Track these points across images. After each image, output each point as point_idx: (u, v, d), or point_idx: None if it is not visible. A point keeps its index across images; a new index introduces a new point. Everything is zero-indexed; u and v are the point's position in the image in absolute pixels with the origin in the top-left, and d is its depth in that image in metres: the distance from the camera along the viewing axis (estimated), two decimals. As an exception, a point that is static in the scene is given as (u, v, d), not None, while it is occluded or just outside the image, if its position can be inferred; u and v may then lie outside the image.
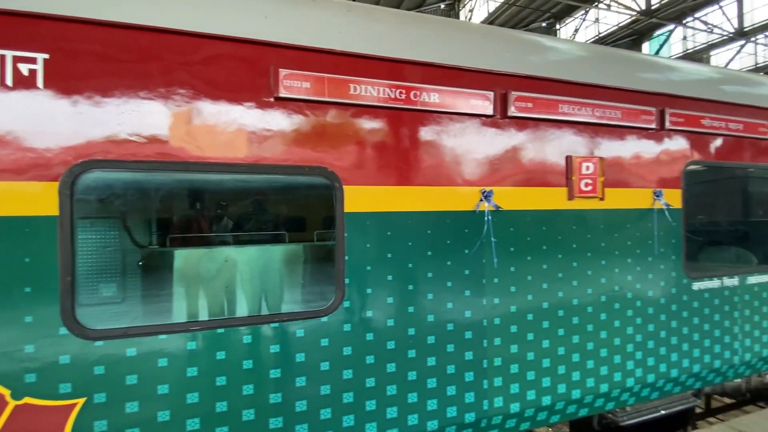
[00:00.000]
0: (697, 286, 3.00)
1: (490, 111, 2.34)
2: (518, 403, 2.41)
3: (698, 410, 4.29)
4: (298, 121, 1.98)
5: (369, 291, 2.10)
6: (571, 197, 2.57)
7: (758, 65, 21.94)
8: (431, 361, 2.21)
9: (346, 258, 2.05)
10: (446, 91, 2.24)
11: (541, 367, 2.47)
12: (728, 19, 19.67)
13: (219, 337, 1.84)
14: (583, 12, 20.92)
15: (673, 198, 2.91)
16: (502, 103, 2.39)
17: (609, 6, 17.13)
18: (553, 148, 2.53)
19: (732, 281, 3.14)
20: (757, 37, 19.84)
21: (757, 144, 3.25)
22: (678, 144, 2.93)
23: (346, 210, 2.05)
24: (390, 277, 2.15)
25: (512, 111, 2.38)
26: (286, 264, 2.66)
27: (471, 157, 2.32)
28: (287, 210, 3.24)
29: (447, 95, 2.25)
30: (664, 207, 2.86)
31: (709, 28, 18.91)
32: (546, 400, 2.49)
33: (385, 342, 2.12)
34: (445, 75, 2.28)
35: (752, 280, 3.23)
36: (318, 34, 2.05)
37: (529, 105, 2.43)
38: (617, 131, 2.72)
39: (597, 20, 20.87)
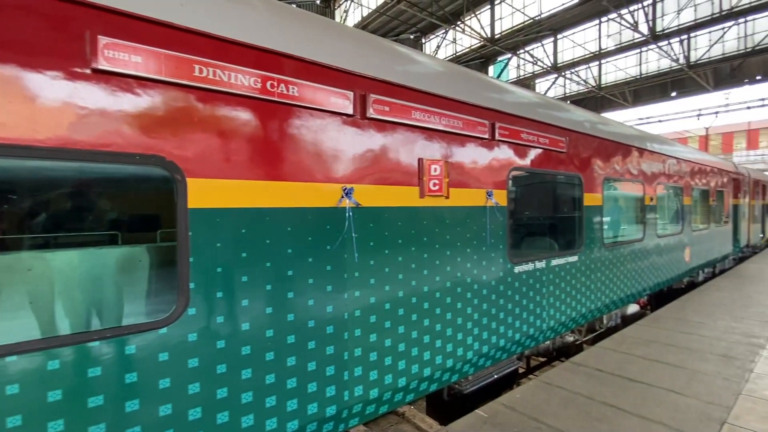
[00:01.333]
0: (517, 269, 3.66)
1: (350, 110, 2.41)
2: (377, 388, 2.56)
3: (521, 370, 5.28)
4: (126, 101, 1.69)
5: (220, 295, 1.93)
6: (422, 195, 2.84)
7: (566, 94, 28.03)
8: (291, 361, 2.17)
9: (191, 260, 1.84)
10: (306, 86, 2.22)
11: (397, 351, 2.68)
12: (547, 56, 24.54)
13: (8, 367, 1.44)
14: (443, 31, 23.45)
15: (501, 197, 3.50)
16: (361, 104, 2.49)
17: (463, 30, 19.60)
18: (408, 150, 2.75)
19: (541, 264, 3.94)
20: (566, 72, 25.28)
21: (558, 155, 4.13)
22: (504, 152, 3.52)
23: (190, 206, 1.84)
24: (245, 278, 2.02)
25: (371, 113, 2.50)
26: (111, 270, 2.26)
27: (332, 154, 2.35)
28: (112, 205, 2.75)
29: (307, 90, 2.22)
30: (494, 205, 3.42)
31: (534, 60, 23.34)
32: (402, 382, 2.71)
33: (240, 348, 1.99)
34: (305, 69, 2.25)
35: (554, 262, 4.10)
36: (153, 1, 1.78)
37: (387, 108, 2.59)
38: (459, 138, 3.12)
39: (454, 40, 23.64)
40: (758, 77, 22.64)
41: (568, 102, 26.33)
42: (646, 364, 3.91)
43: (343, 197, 2.38)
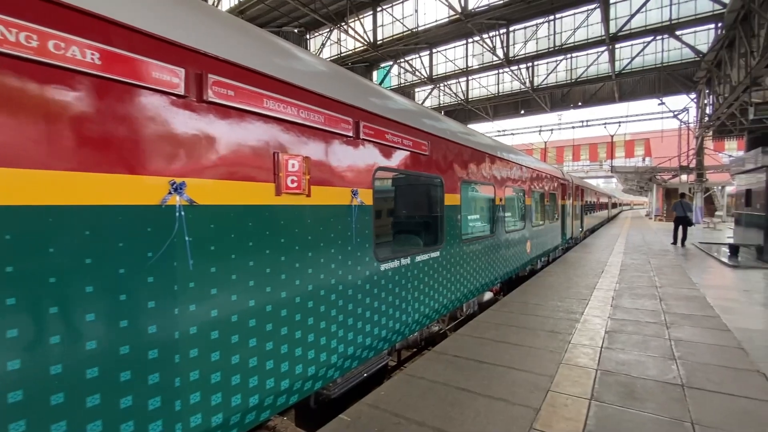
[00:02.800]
0: (384, 267, 3.72)
1: (180, 90, 2.04)
2: (221, 413, 2.24)
3: (392, 364, 5.45)
4: None
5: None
6: (278, 193, 2.61)
7: (440, 105, 30.68)
8: (93, 401, 1.71)
9: None
10: (111, 53, 1.78)
11: (247, 367, 2.39)
12: (424, 67, 26.46)
13: None
14: (328, 30, 23.34)
15: (366, 196, 3.49)
16: (197, 85, 2.13)
17: (347, 31, 19.82)
18: (260, 142, 2.49)
19: (407, 261, 4.08)
20: (441, 84, 27.64)
21: (421, 157, 4.34)
22: (370, 152, 3.52)
23: None
24: (12, 301, 1.50)
25: (210, 96, 2.17)
26: None
27: (153, 141, 1.95)
28: None
29: (113, 58, 1.78)
30: (360, 204, 3.39)
31: (412, 70, 24.96)
32: (254, 401, 2.44)
33: (7, 393, 1.47)
34: (114, 33, 1.80)
35: (419, 258, 4.31)
36: None
37: (230, 93, 2.28)
38: (322, 135, 2.98)
39: (339, 41, 23.74)
40: (579, 103, 28.33)
41: (442, 112, 29.03)
42: (495, 346, 4.39)
43: (171, 193, 2.00)
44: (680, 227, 14.31)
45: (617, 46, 22.31)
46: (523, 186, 8.30)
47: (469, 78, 28.36)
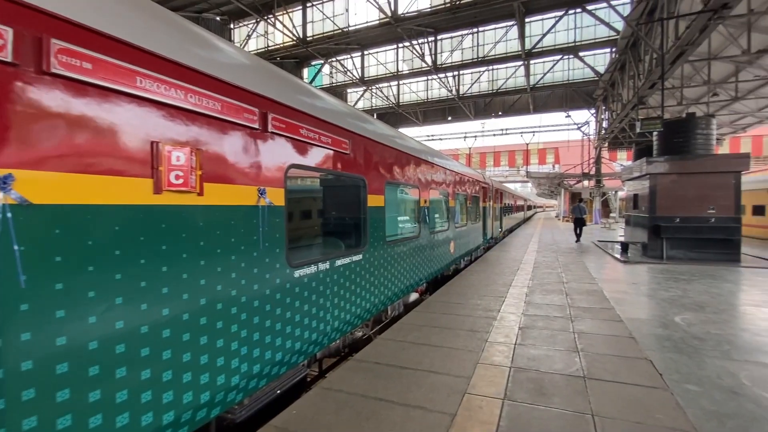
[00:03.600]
0: (299, 273, 3.42)
1: (6, 56, 1.56)
2: (72, 465, 1.78)
3: (313, 375, 5.15)
4: None
5: None
6: (158, 191, 2.19)
7: (372, 107, 30.84)
8: None
9: None
10: None
11: (114, 404, 1.95)
12: (356, 68, 26.34)
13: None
14: (254, 21, 22.09)
15: (278, 196, 3.17)
16: (35, 51, 1.66)
17: (274, 24, 18.91)
18: (131, 128, 2.06)
19: (325, 265, 3.83)
20: (373, 87, 27.74)
21: (342, 156, 4.12)
22: (281, 147, 3.21)
23: None
24: None
25: (55, 66, 1.71)
26: None
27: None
28: None
29: None
30: (268, 204, 3.05)
31: (344, 70, 24.72)
32: (122, 443, 2.00)
33: None
34: None
35: (339, 262, 4.08)
36: None
37: (86, 65, 1.83)
38: (219, 124, 2.60)
39: (266, 34, 22.61)
40: (500, 113, 30.40)
41: (374, 115, 29.21)
42: (416, 349, 4.32)
43: (-11, 189, 1.52)
44: (577, 227, 17.07)
45: (532, 62, 24.38)
46: (447, 188, 8.52)
47: (400, 82, 28.93)
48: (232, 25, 23.54)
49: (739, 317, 5.39)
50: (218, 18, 21.83)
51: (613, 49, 19.90)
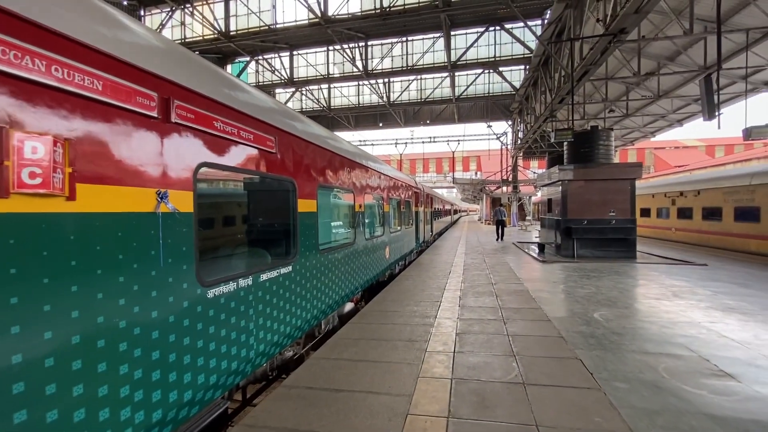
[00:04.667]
0: (213, 293, 2.88)
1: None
2: None
3: (236, 405, 4.53)
4: None
5: None
6: (2, 194, 1.58)
7: (303, 110, 29.92)
8: None
9: None
10: None
11: None
12: (284, 68, 25.32)
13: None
14: (169, 9, 20.05)
15: (184, 201, 2.62)
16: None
17: (192, 14, 17.31)
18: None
19: (247, 281, 3.32)
20: (303, 88, 26.90)
21: (266, 155, 3.65)
22: (189, 142, 2.67)
23: None
24: None
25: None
26: None
27: None
28: None
29: None
30: (172, 211, 2.50)
31: (272, 69, 23.58)
32: None
33: None
34: None
35: (264, 276, 3.59)
36: None
37: None
38: (99, 109, 2.02)
39: (183, 24, 20.68)
40: (428, 121, 31.46)
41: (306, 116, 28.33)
42: (353, 367, 3.98)
43: None
44: (499, 227, 19.61)
45: (457, 73, 25.64)
46: (382, 193, 8.34)
47: (331, 86, 28.49)
48: (142, 12, 21.08)
49: (645, 311, 5.95)
50: (125, 2, 19.41)
51: (527, 66, 21.73)
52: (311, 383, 3.64)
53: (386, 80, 27.21)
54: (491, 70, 24.35)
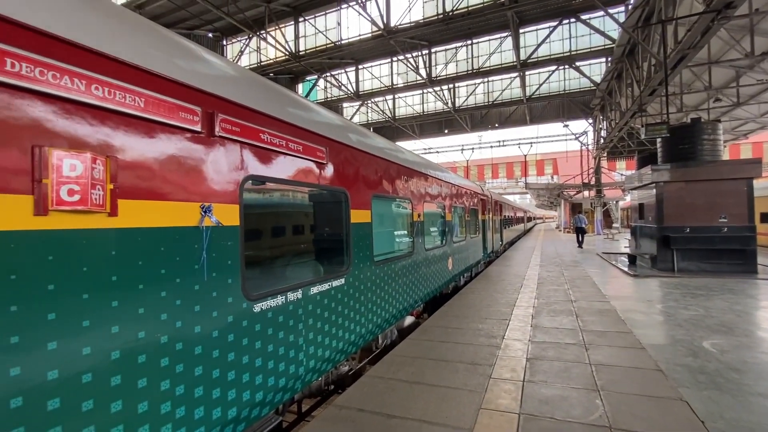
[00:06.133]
0: (259, 307, 2.82)
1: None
2: None
3: (291, 419, 4.49)
4: None
5: None
6: (42, 211, 1.62)
7: (369, 122, 30.62)
8: None
9: None
10: None
11: None
12: (350, 83, 26.20)
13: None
14: (246, 37, 21.97)
15: (230, 214, 2.60)
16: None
17: (266, 39, 18.71)
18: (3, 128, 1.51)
19: (296, 295, 3.23)
20: (368, 101, 27.57)
21: (316, 166, 3.57)
22: (234, 155, 2.65)
23: None
24: None
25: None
26: None
27: None
28: None
29: None
30: (216, 225, 2.48)
31: (338, 85, 24.53)
32: None
33: None
34: None
35: (315, 290, 3.48)
36: None
37: None
38: (143, 126, 2.05)
39: (258, 49, 22.47)
40: (496, 125, 30.18)
41: (371, 129, 28.95)
42: (408, 390, 3.68)
43: None
44: (579, 234, 19.53)
45: (527, 72, 24.21)
46: (443, 201, 7.97)
47: (396, 96, 28.76)
48: (224, 42, 23.44)
49: (775, 340, 4.76)
50: (210, 35, 21.72)
51: (609, 58, 19.69)
52: (363, 405, 3.43)
53: (451, 86, 26.70)
54: (566, 66, 22.55)
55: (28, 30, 1.61)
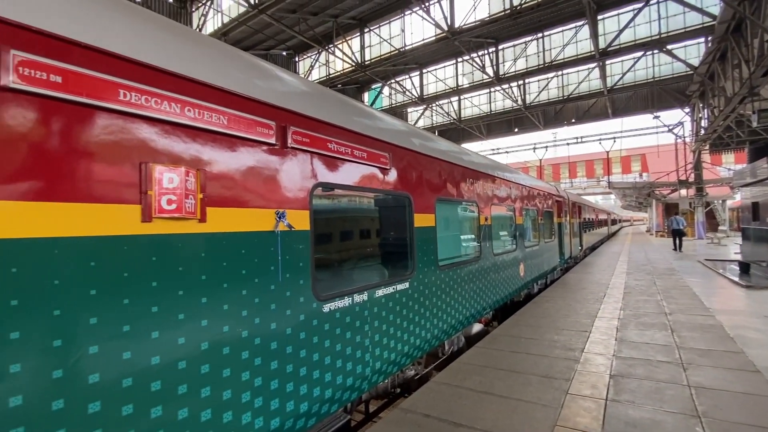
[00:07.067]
0: (327, 307, 2.96)
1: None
2: None
3: (359, 418, 4.60)
4: None
5: None
6: (147, 218, 1.89)
7: (433, 125, 30.48)
8: None
9: None
10: None
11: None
12: (414, 87, 26.36)
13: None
14: (316, 52, 23.27)
15: (301, 220, 2.78)
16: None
17: (334, 52, 19.65)
18: (115, 147, 1.80)
19: (362, 297, 3.33)
20: (432, 104, 27.50)
21: (380, 172, 3.66)
22: (304, 164, 2.84)
23: None
24: None
25: (10, 80, 1.48)
26: None
27: None
28: None
29: None
30: (289, 229, 2.67)
31: (403, 90, 24.80)
32: None
33: None
34: None
35: (380, 293, 3.55)
36: None
37: (56, 78, 1.60)
38: (226, 141, 2.30)
39: (327, 63, 23.65)
40: (573, 120, 28.11)
41: (435, 132, 28.77)
42: (476, 399, 3.57)
43: None
44: (676, 238, 18.20)
45: (608, 61, 22.19)
46: (513, 204, 7.62)
47: (461, 97, 28.23)
48: (296, 59, 25.11)
49: None
50: (284, 53, 23.42)
51: (709, 38, 17.23)
52: (429, 410, 3.40)
53: (520, 82, 25.48)
54: (656, 51, 20.22)
55: (137, 65, 1.90)
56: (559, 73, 24.41)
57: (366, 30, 21.96)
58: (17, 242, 1.49)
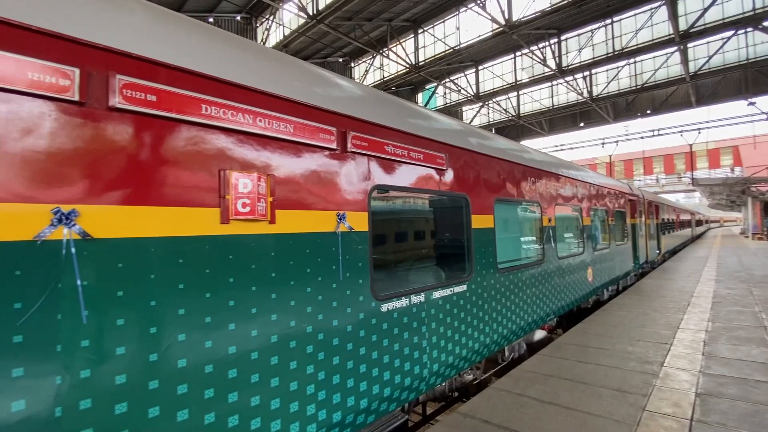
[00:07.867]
0: (386, 307, 3.01)
1: (73, 95, 1.61)
2: None
3: (416, 419, 4.60)
4: None
5: None
6: (225, 220, 2.08)
7: (490, 123, 29.57)
8: None
9: None
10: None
11: (170, 452, 1.81)
12: (470, 85, 25.79)
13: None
14: (371, 56, 23.71)
15: (360, 221, 2.86)
16: (99, 88, 1.70)
17: (388, 55, 19.89)
18: (195, 157, 2.00)
19: (419, 298, 3.34)
20: (489, 101, 26.73)
21: (436, 173, 3.65)
22: (362, 167, 2.92)
23: None
24: None
25: (118, 101, 1.72)
26: None
27: (32, 157, 1.52)
28: None
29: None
30: (349, 230, 2.76)
31: (458, 89, 24.37)
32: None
33: None
34: None
35: (437, 294, 3.54)
36: None
37: (151, 97, 1.83)
38: (292, 147, 2.45)
39: (381, 66, 23.97)
40: (648, 111, 25.69)
41: (492, 130, 27.86)
42: (539, 409, 3.41)
43: (54, 225, 1.54)
44: None
45: (690, 44, 19.90)
46: (579, 204, 7.14)
47: (520, 92, 27.03)
48: (352, 64, 25.79)
49: None
50: (340, 60, 24.18)
51: (823, 7, 14.73)
52: (488, 417, 3.32)
53: (586, 73, 23.77)
54: (750, 28, 17.74)
55: (215, 81, 2.10)
56: (631, 60, 22.38)
57: (420, 31, 21.92)
58: (123, 241, 1.72)
